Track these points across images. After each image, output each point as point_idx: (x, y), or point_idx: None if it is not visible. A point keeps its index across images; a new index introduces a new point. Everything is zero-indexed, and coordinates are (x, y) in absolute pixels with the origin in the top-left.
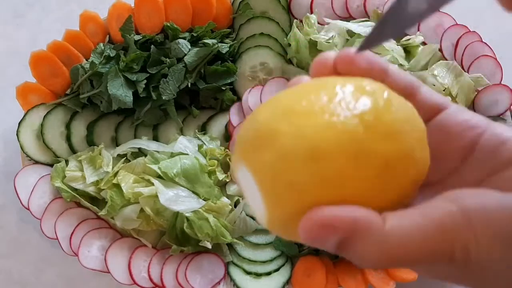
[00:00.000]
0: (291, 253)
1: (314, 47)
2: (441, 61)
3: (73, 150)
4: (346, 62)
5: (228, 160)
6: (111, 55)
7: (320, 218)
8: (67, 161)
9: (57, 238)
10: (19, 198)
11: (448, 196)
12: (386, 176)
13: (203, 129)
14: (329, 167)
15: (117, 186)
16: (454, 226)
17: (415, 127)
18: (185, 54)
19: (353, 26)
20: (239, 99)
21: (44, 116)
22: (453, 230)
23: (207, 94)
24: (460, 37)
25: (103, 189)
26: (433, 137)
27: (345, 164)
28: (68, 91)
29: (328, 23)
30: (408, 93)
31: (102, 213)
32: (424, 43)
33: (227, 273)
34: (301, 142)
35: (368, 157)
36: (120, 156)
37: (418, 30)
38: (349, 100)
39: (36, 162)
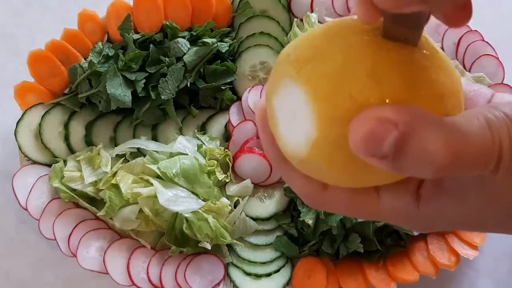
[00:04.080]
0: (291, 254)
1: None
2: None
3: (71, 150)
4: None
5: (227, 160)
6: (110, 54)
7: (377, 114)
8: (65, 161)
9: (55, 239)
10: (17, 199)
11: (492, 106)
12: (440, 107)
13: (203, 129)
14: (388, 86)
15: (116, 186)
16: (500, 126)
17: (455, 71)
18: (185, 53)
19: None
20: (238, 98)
21: (42, 116)
22: (499, 129)
23: (206, 93)
24: (462, 36)
25: (102, 190)
26: None
27: (404, 86)
28: (66, 91)
29: None
30: None
31: (100, 213)
32: None
33: (227, 274)
34: (362, 57)
35: (427, 83)
36: (119, 156)
37: None
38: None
39: (34, 162)
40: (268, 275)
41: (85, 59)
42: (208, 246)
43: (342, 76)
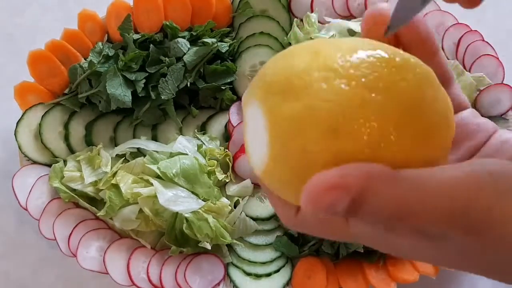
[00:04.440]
0: (292, 254)
1: None
2: None
3: (71, 150)
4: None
5: (227, 160)
6: (110, 54)
7: (327, 182)
8: (65, 161)
9: (55, 239)
10: (17, 199)
11: (473, 161)
12: (423, 139)
13: (203, 129)
14: (349, 143)
15: (116, 186)
16: (478, 185)
17: (446, 97)
18: (185, 53)
19: (353, 25)
20: (238, 98)
21: (42, 116)
22: (476, 189)
23: (206, 93)
24: (462, 36)
25: (102, 190)
26: None
27: (369, 144)
28: (66, 91)
29: (328, 22)
30: (446, 81)
31: (100, 213)
32: None
33: (227, 274)
34: (325, 112)
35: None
36: (119, 156)
37: None
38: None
39: (34, 162)
40: (268, 275)
41: (85, 59)
42: (208, 246)
43: (301, 125)
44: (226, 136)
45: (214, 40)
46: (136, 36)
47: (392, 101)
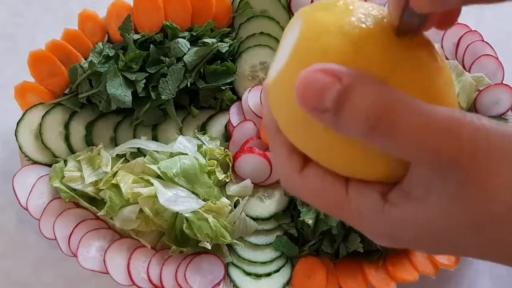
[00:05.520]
0: (291, 253)
1: None
2: None
3: (71, 150)
4: None
5: (227, 160)
6: (110, 55)
7: (325, 67)
8: (65, 161)
9: (55, 239)
10: (18, 199)
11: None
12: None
13: (203, 129)
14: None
15: (116, 186)
16: (469, 128)
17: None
18: (185, 54)
19: None
20: (239, 98)
21: (43, 116)
22: (466, 131)
23: (206, 93)
24: (461, 36)
25: (102, 190)
26: None
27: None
28: (66, 91)
29: None
30: None
31: (101, 213)
32: None
33: (227, 274)
34: (350, 28)
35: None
36: (119, 156)
37: None
38: None
39: (35, 162)
40: (268, 275)
41: (85, 59)
42: (208, 246)
43: (330, 32)
44: (226, 136)
45: (214, 40)
46: (136, 36)
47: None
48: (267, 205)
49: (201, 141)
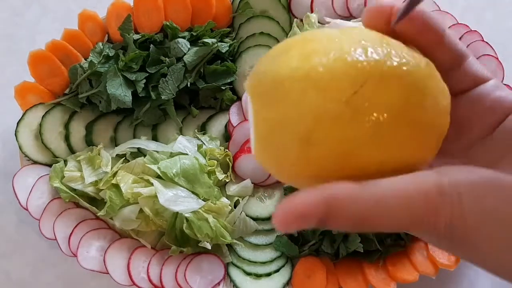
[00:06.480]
0: (291, 253)
1: None
2: None
3: (71, 150)
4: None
5: (227, 160)
6: (110, 55)
7: (292, 211)
8: (65, 161)
9: (55, 239)
10: (18, 199)
11: (439, 169)
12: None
13: (203, 129)
14: (320, 155)
15: (116, 186)
16: (441, 198)
17: (438, 97)
18: (185, 54)
19: (354, 25)
20: (239, 98)
21: (43, 116)
22: (439, 202)
23: (206, 93)
24: (461, 36)
25: (102, 189)
26: (466, 108)
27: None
28: (66, 91)
29: (328, 22)
30: (457, 61)
31: (101, 213)
32: None
33: (227, 274)
34: (302, 123)
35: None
36: (119, 156)
37: None
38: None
39: (35, 162)
40: (268, 275)
41: (85, 59)
42: (208, 246)
43: (278, 130)
44: (226, 136)
45: (214, 40)
46: (136, 36)
47: (370, 112)
48: (267, 205)
49: (201, 141)
